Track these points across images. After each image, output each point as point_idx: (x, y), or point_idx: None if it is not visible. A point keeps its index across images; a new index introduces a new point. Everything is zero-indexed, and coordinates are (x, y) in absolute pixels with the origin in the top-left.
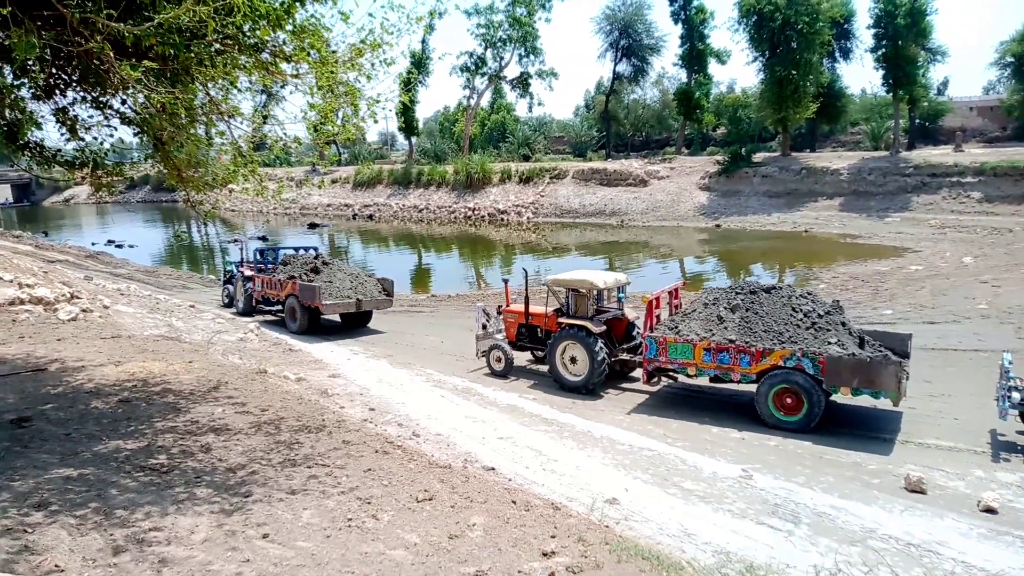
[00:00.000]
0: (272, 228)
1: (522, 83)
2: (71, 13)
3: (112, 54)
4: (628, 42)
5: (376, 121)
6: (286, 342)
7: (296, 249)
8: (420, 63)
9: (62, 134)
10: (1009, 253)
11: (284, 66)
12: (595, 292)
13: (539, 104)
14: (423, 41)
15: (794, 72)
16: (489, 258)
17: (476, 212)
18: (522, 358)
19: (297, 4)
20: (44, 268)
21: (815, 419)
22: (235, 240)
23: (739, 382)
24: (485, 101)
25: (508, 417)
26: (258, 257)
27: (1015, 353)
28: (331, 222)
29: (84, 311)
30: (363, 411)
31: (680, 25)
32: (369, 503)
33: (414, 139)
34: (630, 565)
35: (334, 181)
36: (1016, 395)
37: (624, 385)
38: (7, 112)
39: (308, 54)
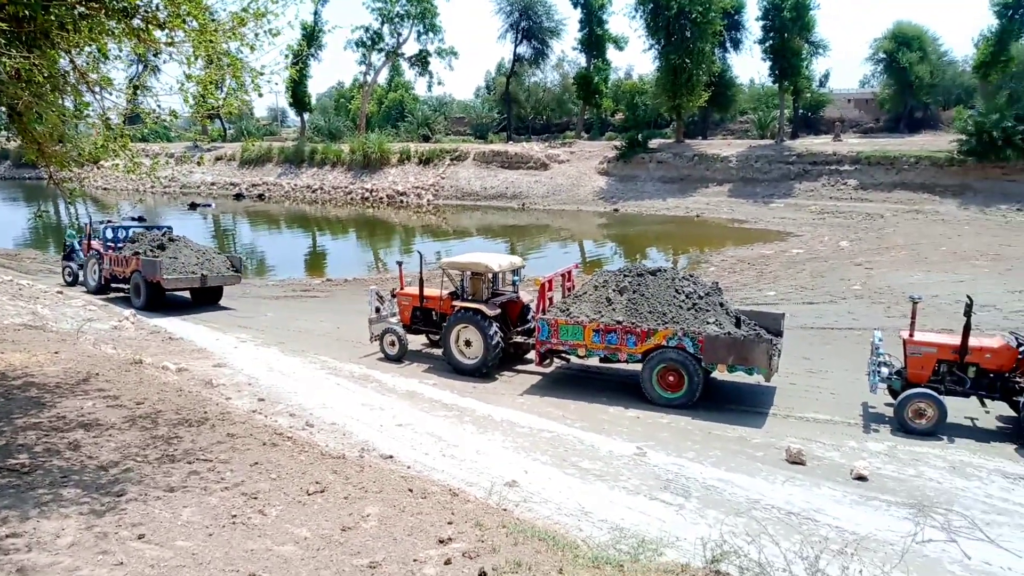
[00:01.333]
0: (149, 208)
1: (421, 61)
2: None
3: None
4: (528, 24)
5: (261, 95)
6: (165, 330)
7: (145, 227)
8: (312, 36)
9: None
10: (880, 237)
11: (157, 33)
12: (490, 275)
13: (439, 83)
14: (315, 13)
15: (688, 60)
16: (388, 241)
17: (374, 193)
18: (417, 342)
19: None
20: None
21: (695, 395)
22: (108, 221)
23: (626, 362)
24: (382, 78)
25: (407, 404)
26: (107, 235)
27: (884, 331)
28: (215, 201)
29: None
30: (251, 402)
31: (579, 9)
32: (256, 498)
33: (306, 115)
34: (527, 547)
35: (218, 158)
36: (884, 370)
37: (519, 367)
38: None
39: (184, 21)
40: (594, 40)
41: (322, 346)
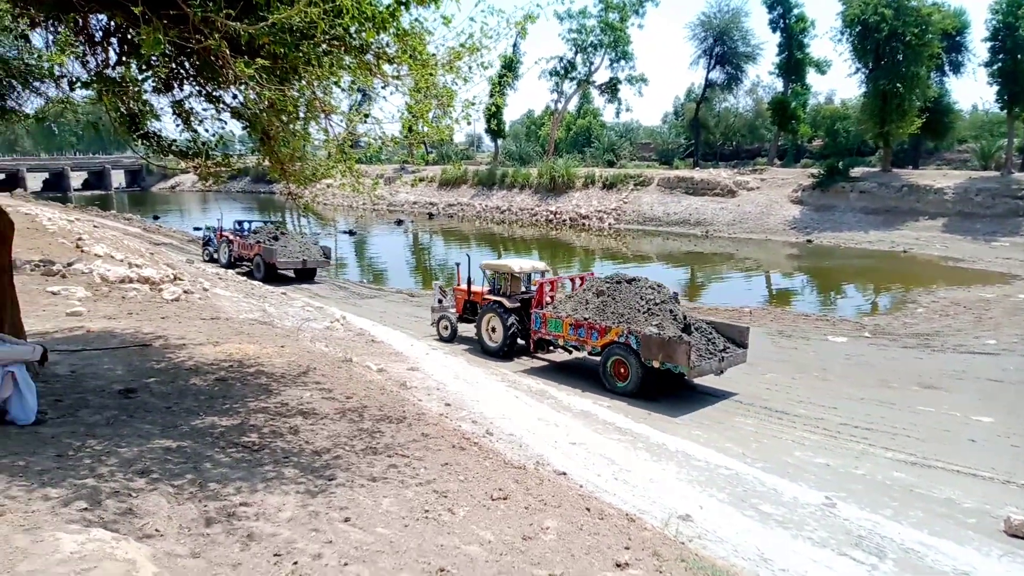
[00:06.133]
0: (361, 223)
1: (611, 88)
2: (193, 12)
3: (228, 51)
4: (722, 49)
5: (470, 123)
6: (369, 333)
7: (265, 222)
8: (511, 66)
9: (177, 125)
10: None
11: (386, 67)
12: (523, 275)
13: (627, 110)
14: (514, 45)
15: (899, 85)
16: (568, 262)
17: (557, 216)
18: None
19: (402, 8)
20: (150, 250)
21: (637, 385)
22: (326, 233)
23: (591, 353)
24: (572, 105)
25: (581, 423)
26: (236, 227)
27: None
28: (414, 219)
29: (186, 292)
30: (439, 406)
31: (778, 34)
32: (446, 496)
33: (500, 141)
34: None
35: (420, 180)
36: None
37: (694, 397)
38: (131, 103)
39: (410, 56)
40: (793, 64)
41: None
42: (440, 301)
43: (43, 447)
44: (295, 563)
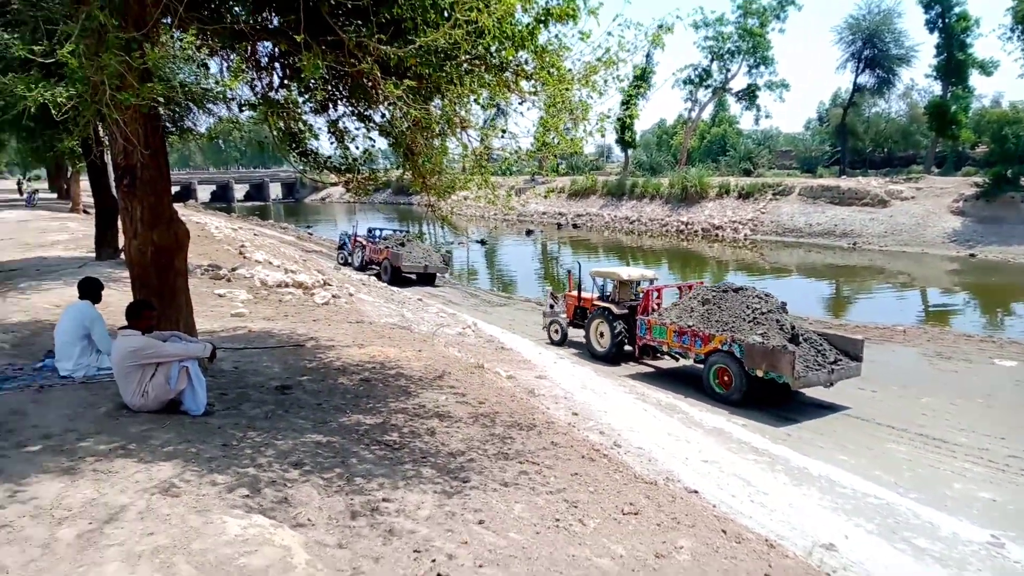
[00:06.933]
0: (493, 233)
1: (749, 95)
2: (348, 38)
3: (378, 73)
4: (872, 52)
5: (604, 136)
6: (498, 340)
7: (393, 230)
8: (644, 76)
9: (331, 143)
10: None
11: (524, 83)
12: (631, 282)
13: (766, 116)
14: (647, 55)
15: None
16: (699, 274)
17: (689, 226)
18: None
19: (541, 26)
20: (303, 257)
21: (741, 394)
22: (459, 243)
23: (695, 360)
24: (706, 114)
25: (713, 440)
26: (367, 234)
27: None
28: (543, 229)
29: (334, 297)
30: (567, 415)
31: (936, 34)
32: (576, 507)
33: (631, 151)
34: None
35: (551, 191)
36: None
37: (838, 419)
38: (292, 123)
39: (547, 72)
40: (953, 66)
41: (629, 371)
42: (551, 306)
43: (211, 436)
44: (433, 560)
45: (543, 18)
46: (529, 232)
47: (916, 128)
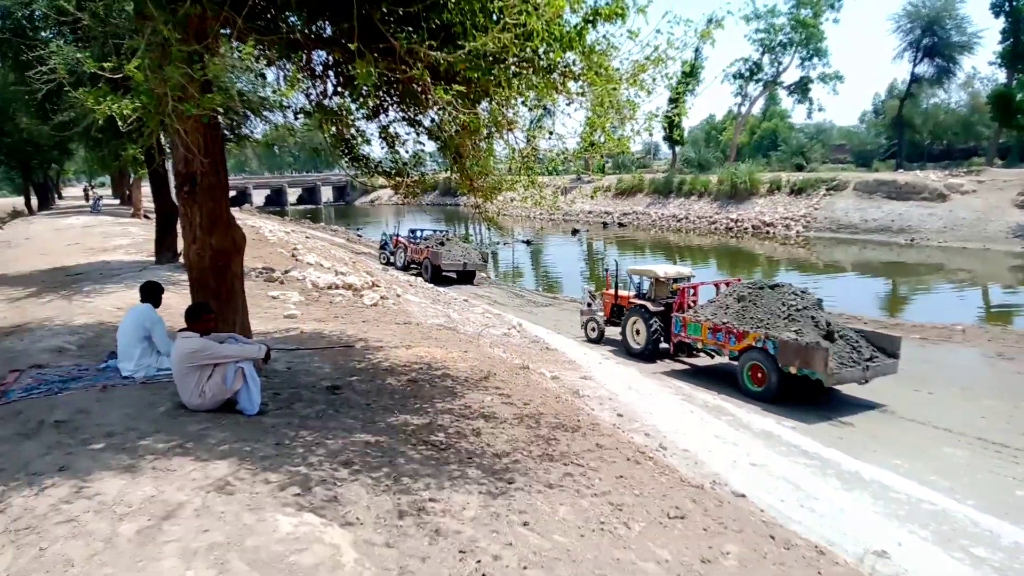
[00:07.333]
0: (539, 233)
1: (801, 88)
2: (400, 45)
3: (428, 79)
4: (932, 40)
5: (651, 135)
6: (543, 340)
7: (433, 231)
8: (693, 72)
9: (382, 148)
10: None
11: (571, 84)
12: (667, 280)
13: (819, 110)
14: (696, 50)
15: None
16: (748, 273)
17: (738, 224)
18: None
19: (589, 26)
20: (352, 259)
21: (774, 391)
22: (505, 243)
23: (730, 357)
24: (757, 108)
25: (762, 443)
26: (410, 234)
27: None
28: (588, 228)
29: (382, 298)
30: (611, 416)
31: (1002, 18)
32: (621, 510)
33: (678, 148)
34: None
35: (597, 190)
36: None
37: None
38: (345, 129)
39: (596, 73)
40: (1020, 52)
41: (674, 370)
42: (589, 304)
43: (265, 435)
44: (478, 561)
45: (591, 18)
46: (575, 231)
47: (978, 119)
